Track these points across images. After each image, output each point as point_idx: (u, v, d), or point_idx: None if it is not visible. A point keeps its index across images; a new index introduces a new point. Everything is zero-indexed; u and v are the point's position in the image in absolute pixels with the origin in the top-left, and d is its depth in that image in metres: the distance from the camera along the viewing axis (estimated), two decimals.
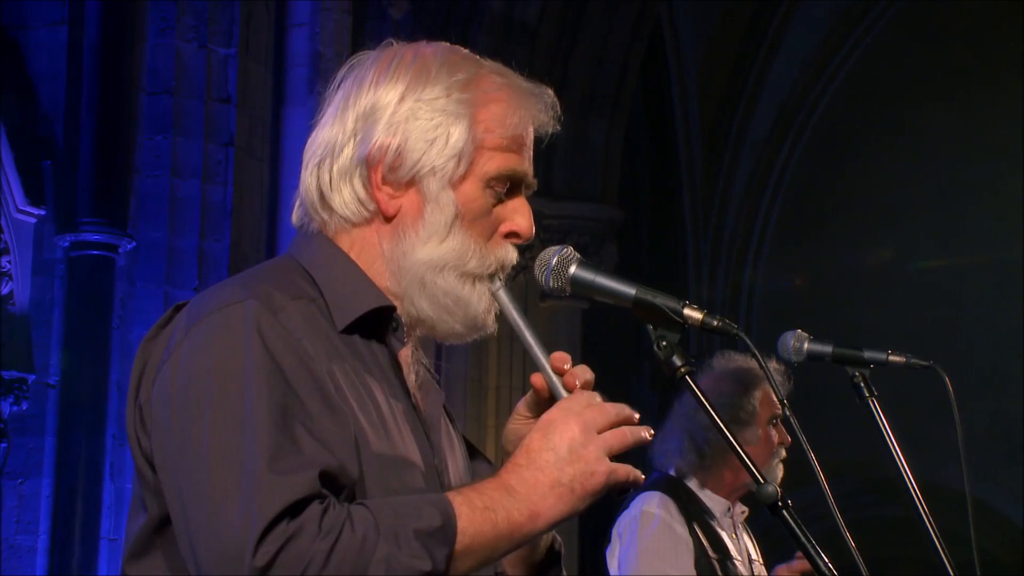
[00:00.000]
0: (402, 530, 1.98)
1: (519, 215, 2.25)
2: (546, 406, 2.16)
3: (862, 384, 3.34)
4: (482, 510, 2.04)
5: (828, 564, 2.12)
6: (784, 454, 4.68)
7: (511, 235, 2.25)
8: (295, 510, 1.95)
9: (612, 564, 4.66)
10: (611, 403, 2.13)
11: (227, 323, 2.08)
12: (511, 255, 2.25)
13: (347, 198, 2.22)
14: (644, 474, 2.17)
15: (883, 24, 14.58)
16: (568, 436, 2.08)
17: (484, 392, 10.69)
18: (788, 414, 2.59)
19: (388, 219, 2.22)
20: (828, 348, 3.42)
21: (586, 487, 2.08)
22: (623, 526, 4.64)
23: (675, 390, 2.29)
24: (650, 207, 14.68)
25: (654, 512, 4.59)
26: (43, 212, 7.73)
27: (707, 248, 14.87)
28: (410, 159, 2.20)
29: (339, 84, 2.27)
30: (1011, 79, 13.60)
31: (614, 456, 2.09)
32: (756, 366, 4.56)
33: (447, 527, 2.01)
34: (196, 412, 2.04)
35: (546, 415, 2.13)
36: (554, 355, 2.19)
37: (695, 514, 4.63)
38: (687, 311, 2.17)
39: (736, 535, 4.76)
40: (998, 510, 13.61)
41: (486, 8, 10.58)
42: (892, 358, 3.41)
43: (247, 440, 1.99)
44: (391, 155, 2.20)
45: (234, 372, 2.04)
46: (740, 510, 4.77)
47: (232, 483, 1.97)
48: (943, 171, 13.99)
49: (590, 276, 2.24)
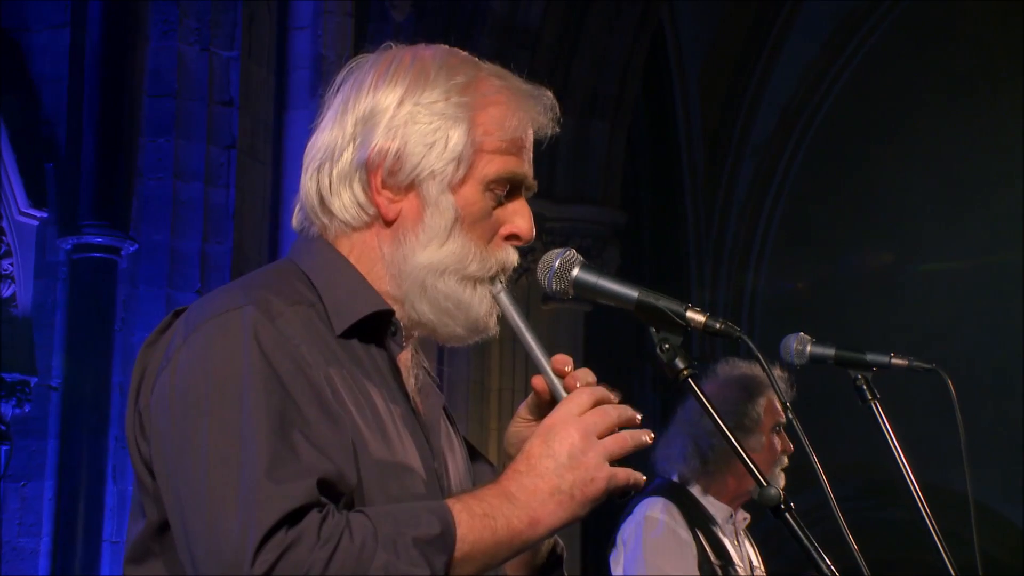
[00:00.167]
0: (400, 538, 1.98)
1: (519, 217, 2.25)
2: (547, 409, 2.16)
3: (864, 387, 3.34)
4: (481, 517, 2.04)
5: (831, 566, 2.12)
6: (786, 462, 4.68)
7: (511, 237, 2.25)
8: (294, 518, 1.95)
9: (616, 570, 4.66)
10: (612, 405, 2.13)
11: (225, 330, 2.08)
12: (512, 257, 2.25)
13: (347, 202, 2.22)
14: (646, 478, 2.17)
15: (884, 28, 14.57)
16: (568, 442, 2.08)
17: (486, 394, 10.68)
18: (792, 418, 2.59)
19: (388, 223, 2.22)
20: (830, 351, 3.42)
21: (586, 493, 2.08)
22: (628, 532, 4.64)
23: (678, 393, 2.28)
24: (652, 210, 14.68)
25: (658, 517, 4.59)
26: (45, 214, 7.73)
27: (709, 251, 14.87)
28: (409, 163, 2.20)
29: (338, 87, 2.27)
30: (1012, 83, 13.59)
31: (615, 460, 2.09)
32: (761, 373, 4.56)
33: (446, 535, 2.01)
34: (194, 419, 2.04)
35: (546, 420, 2.12)
36: (555, 357, 2.19)
37: (698, 520, 4.63)
38: (689, 314, 2.17)
39: (738, 541, 4.75)
40: (1000, 512, 13.60)
41: (488, 10, 10.57)
42: (894, 361, 3.41)
43: (245, 448, 1.99)
44: (390, 159, 2.20)
45: (232, 379, 2.04)
46: (742, 516, 4.77)
47: (230, 491, 1.97)
48: (945, 174, 13.98)
49: (593, 279, 2.23)
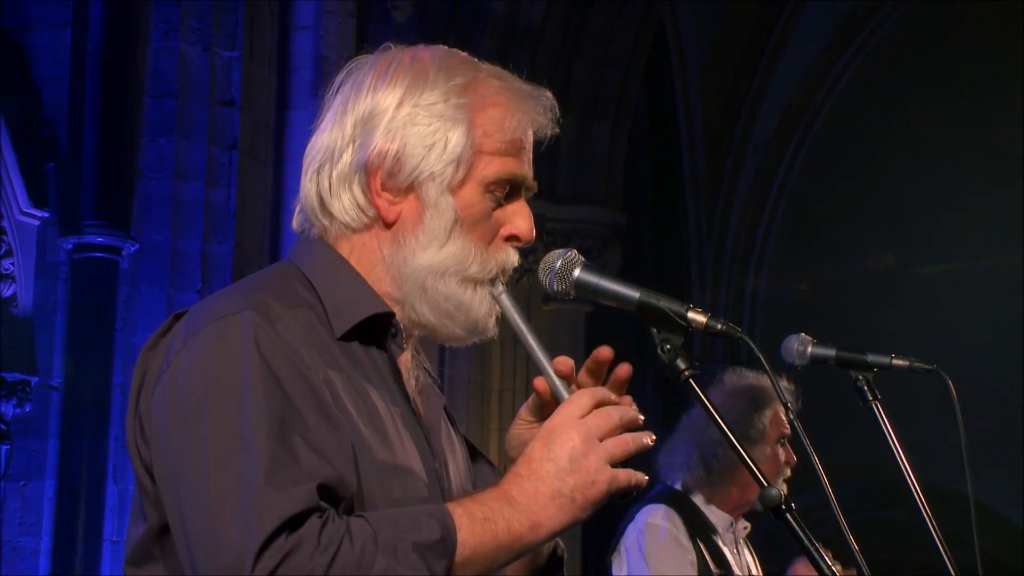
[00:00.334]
0: (400, 543, 1.98)
1: (519, 218, 2.25)
2: (549, 410, 2.16)
3: (865, 387, 3.33)
4: (482, 521, 2.04)
5: (831, 567, 2.12)
6: (788, 473, 4.68)
7: (511, 238, 2.25)
8: (294, 524, 1.95)
9: None
10: (614, 407, 2.13)
11: (224, 334, 2.08)
12: (512, 258, 2.25)
13: (347, 204, 2.22)
14: (648, 478, 2.16)
15: (886, 30, 14.57)
16: (569, 446, 2.08)
17: (487, 395, 10.68)
18: (794, 420, 2.59)
19: (388, 225, 2.22)
20: (831, 351, 3.41)
21: (587, 496, 2.08)
22: (630, 539, 4.63)
23: (679, 395, 2.28)
24: (653, 211, 14.67)
25: (659, 524, 4.58)
26: (46, 214, 7.73)
27: (710, 252, 14.86)
28: (409, 165, 2.19)
29: (338, 88, 2.27)
30: (1012, 84, 13.60)
31: (617, 462, 2.09)
32: (768, 384, 4.54)
33: (446, 539, 2.00)
34: (194, 424, 2.04)
35: (548, 423, 2.12)
36: (557, 359, 2.19)
37: (698, 528, 4.63)
38: (691, 314, 2.17)
39: (738, 550, 4.75)
40: (1001, 513, 13.60)
41: (489, 11, 10.57)
42: (895, 361, 3.40)
43: (244, 453, 1.99)
44: (390, 161, 2.19)
45: (231, 384, 2.04)
46: (742, 525, 4.76)
47: (230, 497, 1.97)
48: (946, 176, 13.98)
49: (594, 279, 2.23)
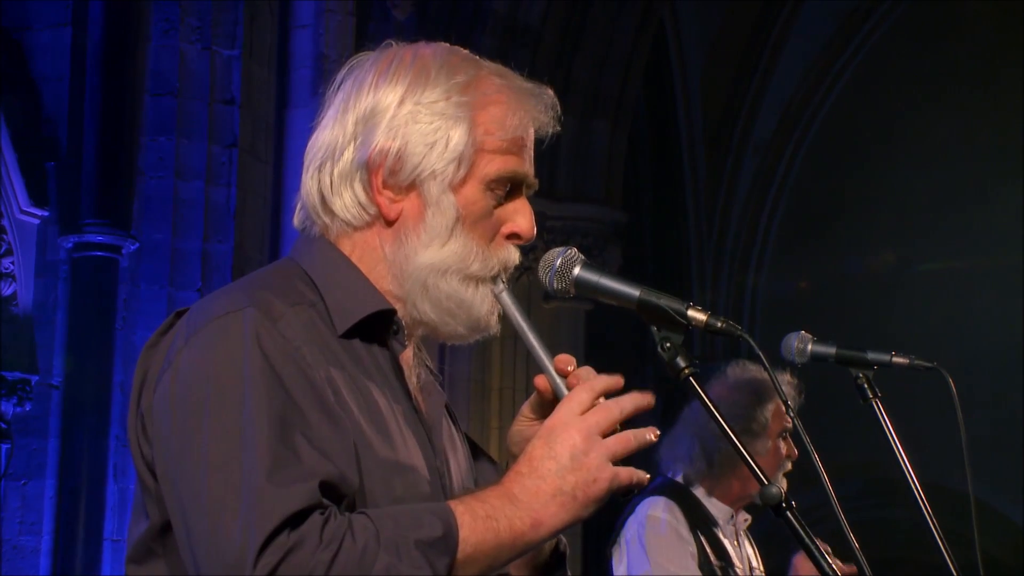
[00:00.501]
0: (403, 540, 1.98)
1: (520, 216, 2.25)
2: (550, 408, 2.16)
3: (866, 385, 3.33)
4: (484, 519, 2.04)
5: (832, 566, 2.12)
6: (789, 467, 4.68)
7: (512, 236, 2.25)
8: (295, 521, 1.95)
9: (619, 568, 4.65)
10: (614, 401, 2.12)
11: (226, 332, 2.08)
12: (513, 256, 2.25)
13: (348, 202, 2.22)
14: (649, 476, 2.16)
15: (886, 27, 14.57)
16: (570, 444, 2.08)
17: (487, 393, 10.68)
18: (794, 418, 2.59)
19: (389, 223, 2.22)
20: (832, 349, 3.42)
21: (588, 494, 2.08)
22: (631, 531, 4.63)
23: (680, 393, 2.28)
24: (653, 209, 14.68)
25: (660, 516, 4.58)
26: (46, 213, 7.73)
27: (711, 250, 14.87)
28: (410, 163, 2.19)
29: (339, 86, 2.27)
30: (1013, 82, 13.59)
31: (618, 460, 2.09)
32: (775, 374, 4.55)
33: (448, 537, 2.01)
34: (196, 422, 2.04)
35: (549, 421, 2.12)
36: (558, 357, 2.19)
37: (699, 520, 4.63)
38: (691, 312, 2.17)
39: (738, 542, 4.75)
40: (1001, 512, 13.60)
41: (489, 10, 10.56)
42: (895, 359, 3.40)
43: (246, 451, 1.99)
44: (391, 159, 2.19)
45: (233, 382, 2.04)
46: (743, 518, 4.76)
47: (232, 495, 1.97)
48: (946, 174, 13.97)
49: (594, 277, 2.23)
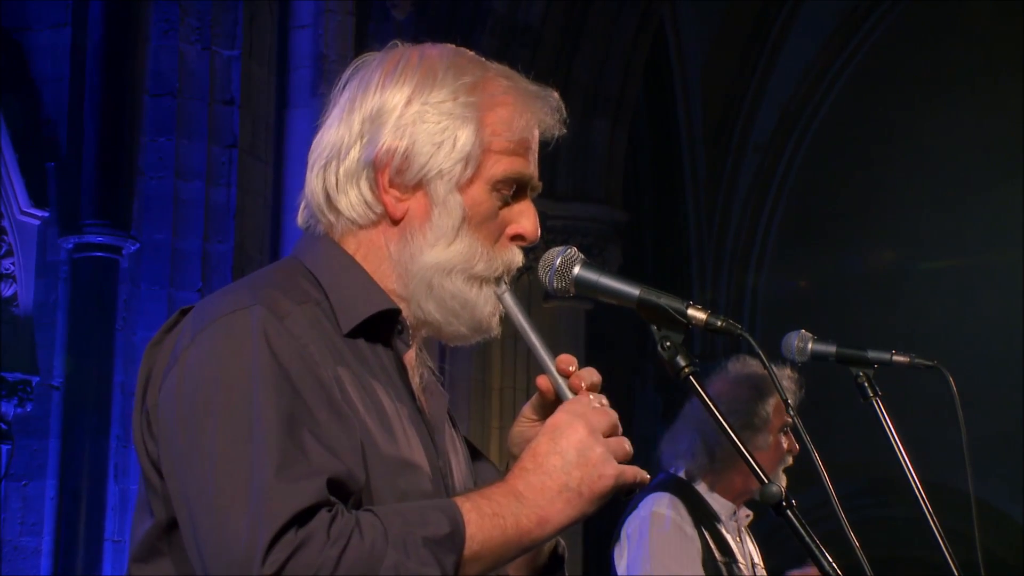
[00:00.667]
0: (410, 537, 1.98)
1: (525, 218, 2.25)
2: (552, 409, 2.16)
3: (866, 384, 3.34)
4: (490, 516, 2.04)
5: (832, 564, 2.12)
6: (790, 461, 4.68)
7: (517, 238, 2.25)
8: (303, 518, 1.95)
9: (620, 565, 4.64)
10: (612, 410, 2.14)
11: (233, 329, 2.07)
12: (517, 258, 2.25)
13: (354, 200, 2.22)
14: (650, 475, 2.17)
15: (885, 26, 14.57)
16: (575, 439, 2.08)
17: (488, 393, 10.67)
18: (794, 416, 2.59)
19: (395, 222, 2.22)
20: (832, 348, 3.42)
21: (594, 490, 2.08)
22: (632, 527, 4.62)
23: (680, 392, 2.29)
24: (654, 209, 14.67)
25: (664, 513, 4.58)
26: (47, 214, 7.73)
27: (711, 249, 14.86)
28: (417, 162, 2.19)
29: (345, 85, 2.27)
30: (1012, 80, 13.59)
31: (620, 460, 2.09)
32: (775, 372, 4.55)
33: (455, 534, 2.01)
34: (203, 419, 2.03)
35: (552, 418, 2.12)
36: (560, 357, 2.19)
37: (702, 516, 4.62)
38: (691, 311, 2.17)
39: (740, 538, 4.75)
40: (1002, 510, 13.60)
41: (489, 9, 10.56)
42: (896, 358, 3.40)
43: (254, 448, 1.99)
44: (398, 158, 2.19)
45: (241, 379, 2.03)
46: (745, 514, 4.76)
47: (240, 492, 1.97)
48: (945, 172, 13.97)
49: (594, 277, 2.23)
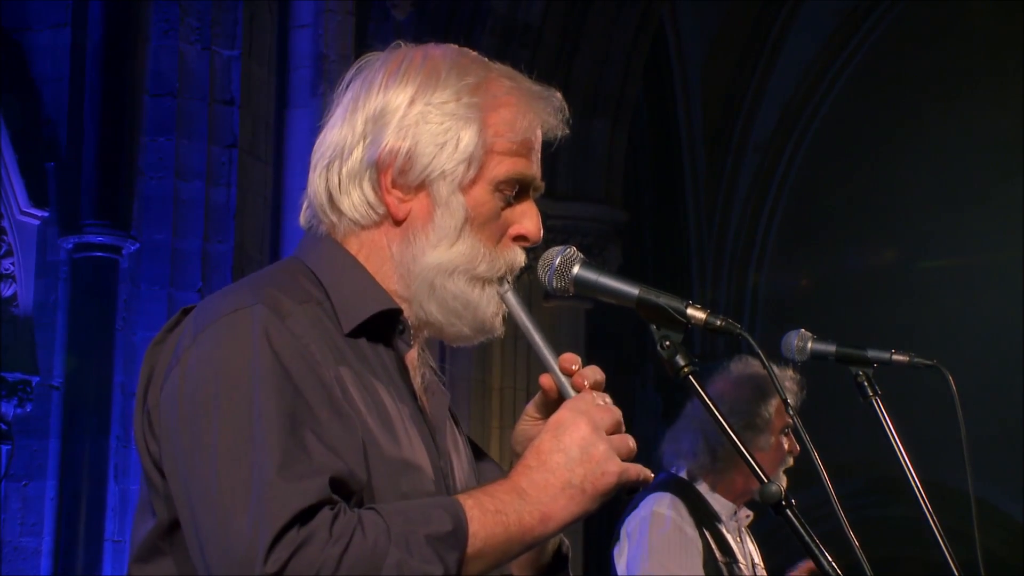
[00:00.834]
0: (413, 535, 1.98)
1: (527, 219, 2.25)
2: (555, 407, 2.16)
3: (866, 383, 3.34)
4: (493, 513, 2.04)
5: (832, 564, 2.12)
6: (791, 462, 4.68)
7: (519, 238, 2.25)
8: (305, 517, 1.95)
9: (620, 564, 4.64)
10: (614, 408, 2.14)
11: (235, 329, 2.08)
12: (519, 258, 2.25)
13: (356, 201, 2.22)
14: (652, 473, 2.17)
15: (885, 26, 14.57)
16: (578, 436, 2.08)
17: (488, 393, 10.67)
18: (793, 415, 2.59)
19: (398, 222, 2.22)
20: (831, 347, 3.42)
21: (597, 487, 2.08)
22: (632, 526, 4.62)
23: (680, 391, 2.29)
24: (654, 208, 14.68)
25: (665, 513, 4.58)
26: (46, 214, 7.73)
27: (711, 249, 14.87)
28: (420, 163, 2.20)
29: (347, 85, 2.27)
30: (1012, 79, 13.59)
31: (622, 458, 2.10)
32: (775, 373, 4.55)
33: (458, 531, 2.01)
34: (205, 419, 2.04)
35: (555, 416, 2.13)
36: (563, 356, 2.19)
37: (703, 516, 4.62)
38: (690, 311, 2.18)
39: (740, 539, 4.75)
40: (1002, 509, 13.60)
41: (489, 9, 10.56)
42: (895, 357, 3.40)
43: (256, 447, 1.99)
44: (401, 158, 2.20)
45: (242, 378, 2.04)
46: (745, 514, 4.76)
47: (242, 490, 1.97)
48: (946, 171, 13.98)
49: (593, 276, 2.24)
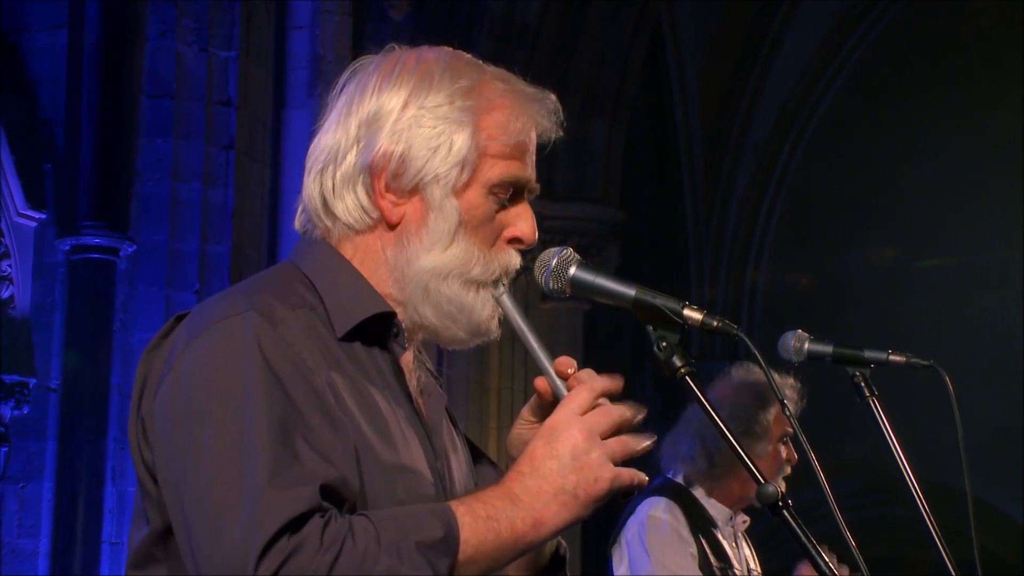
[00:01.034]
0: (404, 542, 1.98)
1: (522, 221, 2.25)
2: (550, 410, 2.15)
3: (863, 384, 3.33)
4: (485, 519, 2.04)
5: (829, 565, 2.12)
6: (789, 471, 4.68)
7: (514, 241, 2.25)
8: (296, 524, 1.95)
9: (619, 569, 4.65)
10: (615, 405, 2.13)
11: (227, 336, 2.08)
12: (514, 261, 2.25)
13: (350, 205, 2.22)
14: (649, 477, 2.17)
15: (884, 25, 14.57)
16: (571, 443, 2.08)
17: (485, 394, 10.67)
18: (791, 416, 2.59)
19: (392, 226, 2.22)
20: (828, 348, 3.41)
21: (590, 493, 2.08)
22: (631, 531, 4.62)
23: (679, 392, 2.29)
24: (651, 208, 14.68)
25: (661, 516, 4.58)
26: (44, 216, 7.73)
27: (708, 249, 14.87)
28: (413, 167, 2.19)
29: (341, 89, 2.26)
30: (1012, 78, 13.59)
31: (618, 461, 2.09)
32: (775, 380, 4.54)
33: (449, 538, 2.00)
34: (197, 426, 2.04)
35: (549, 421, 2.12)
36: (558, 359, 2.19)
37: (699, 521, 4.63)
38: (687, 312, 2.17)
39: (736, 544, 4.75)
40: (999, 509, 13.60)
41: (487, 10, 10.57)
42: (892, 357, 3.40)
43: (248, 455, 1.99)
44: (395, 162, 2.19)
45: (235, 386, 2.04)
46: (742, 519, 4.76)
47: (233, 498, 1.97)
48: (944, 171, 13.98)
49: (590, 277, 2.23)
